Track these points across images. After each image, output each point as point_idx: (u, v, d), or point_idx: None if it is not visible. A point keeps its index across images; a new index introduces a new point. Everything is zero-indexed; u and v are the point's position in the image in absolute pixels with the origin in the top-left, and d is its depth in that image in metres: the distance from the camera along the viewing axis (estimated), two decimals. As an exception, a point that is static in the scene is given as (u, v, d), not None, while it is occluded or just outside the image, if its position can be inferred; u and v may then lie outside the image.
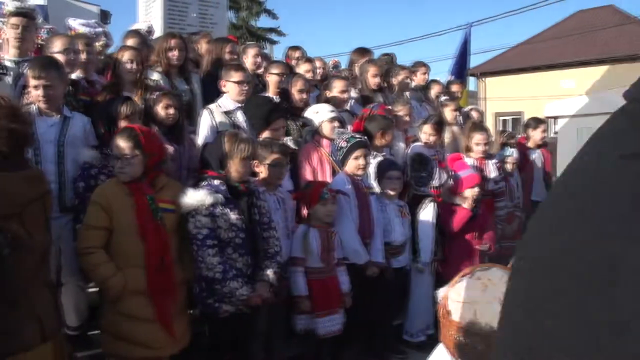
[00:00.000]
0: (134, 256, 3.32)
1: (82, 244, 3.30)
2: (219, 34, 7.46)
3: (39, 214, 2.78)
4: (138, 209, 3.32)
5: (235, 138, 3.66)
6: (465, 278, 2.71)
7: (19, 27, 4.52)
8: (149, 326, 3.31)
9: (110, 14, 15.60)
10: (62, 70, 4.05)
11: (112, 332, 3.34)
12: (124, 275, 3.28)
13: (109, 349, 3.40)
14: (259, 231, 3.78)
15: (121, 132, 3.42)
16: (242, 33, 29.46)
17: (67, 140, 3.95)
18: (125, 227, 3.32)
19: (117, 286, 3.25)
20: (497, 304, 2.50)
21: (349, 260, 4.51)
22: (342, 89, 5.59)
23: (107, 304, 3.39)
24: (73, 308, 4.16)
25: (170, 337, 3.39)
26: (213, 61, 5.60)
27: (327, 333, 4.27)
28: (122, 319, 3.30)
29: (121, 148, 3.32)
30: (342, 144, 4.64)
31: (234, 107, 4.79)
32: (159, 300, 3.34)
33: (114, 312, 3.32)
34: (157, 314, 3.33)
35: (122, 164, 3.33)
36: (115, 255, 3.33)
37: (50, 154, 3.90)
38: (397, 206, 4.99)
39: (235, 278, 3.49)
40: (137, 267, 3.31)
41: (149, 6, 7.98)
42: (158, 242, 3.34)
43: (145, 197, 3.36)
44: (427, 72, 7.71)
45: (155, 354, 3.39)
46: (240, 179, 3.70)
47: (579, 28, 28.83)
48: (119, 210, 3.31)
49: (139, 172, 3.37)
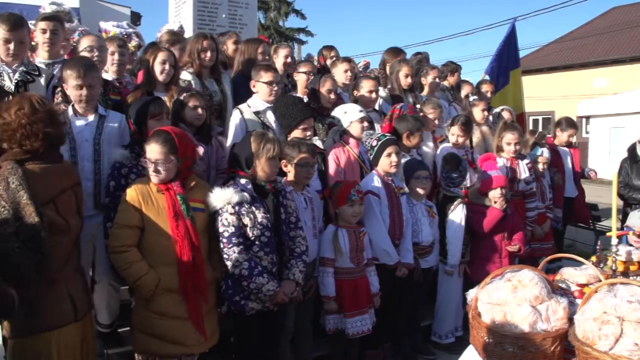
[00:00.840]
0: (166, 255, 3.35)
1: (115, 243, 3.33)
2: (248, 34, 7.51)
3: (71, 202, 3.05)
4: (169, 208, 3.36)
5: (262, 138, 3.69)
6: (496, 280, 2.70)
7: (47, 32, 4.64)
8: (181, 324, 3.35)
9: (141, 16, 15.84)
10: (99, 71, 4.17)
11: (144, 330, 3.38)
12: (157, 273, 3.32)
13: (141, 347, 3.44)
14: (285, 230, 3.81)
15: (156, 135, 3.43)
16: (270, 33, 29.62)
17: (104, 139, 4.03)
18: (156, 226, 3.35)
19: (150, 284, 3.29)
20: (527, 305, 2.49)
21: (378, 261, 4.51)
22: (371, 88, 5.58)
23: (139, 302, 3.43)
24: (105, 306, 4.24)
25: (202, 335, 3.42)
26: (245, 61, 5.63)
27: (356, 333, 4.27)
28: (154, 316, 3.34)
29: (156, 153, 3.36)
30: (373, 143, 4.66)
31: (264, 107, 4.83)
32: (190, 299, 3.37)
33: (146, 310, 3.36)
34: (189, 312, 3.37)
35: (157, 167, 3.37)
36: (147, 254, 3.36)
37: (87, 152, 3.98)
38: (425, 206, 4.98)
39: (262, 274, 3.52)
40: (169, 266, 3.34)
41: (179, 7, 8.06)
42: (189, 241, 3.37)
43: (177, 197, 3.41)
44: (458, 72, 7.68)
45: (187, 351, 3.43)
46: (267, 179, 3.73)
47: (612, 25, 28.33)
48: (151, 209, 3.34)
49: (172, 175, 3.42)
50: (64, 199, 2.98)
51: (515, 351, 2.43)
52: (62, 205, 2.94)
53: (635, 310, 2.12)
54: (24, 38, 4.20)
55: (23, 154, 2.82)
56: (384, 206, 4.56)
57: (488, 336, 2.52)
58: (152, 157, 3.36)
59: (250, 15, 8.25)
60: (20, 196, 2.66)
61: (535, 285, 2.54)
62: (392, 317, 4.49)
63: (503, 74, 8.99)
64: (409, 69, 6.31)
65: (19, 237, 2.60)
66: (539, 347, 2.39)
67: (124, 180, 3.71)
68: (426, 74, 6.72)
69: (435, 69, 6.85)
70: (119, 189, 3.66)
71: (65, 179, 3.02)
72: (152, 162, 3.36)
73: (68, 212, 2.99)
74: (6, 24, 4.03)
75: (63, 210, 2.94)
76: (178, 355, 3.44)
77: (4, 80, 4.13)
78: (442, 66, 7.68)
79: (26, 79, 4.18)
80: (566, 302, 2.54)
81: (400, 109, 5.36)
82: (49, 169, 2.91)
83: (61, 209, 2.93)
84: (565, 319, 2.47)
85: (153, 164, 3.36)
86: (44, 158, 2.90)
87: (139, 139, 3.81)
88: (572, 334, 2.31)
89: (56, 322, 2.90)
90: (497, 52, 8.93)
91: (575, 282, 2.99)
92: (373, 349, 4.66)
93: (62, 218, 2.92)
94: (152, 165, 3.36)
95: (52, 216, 2.83)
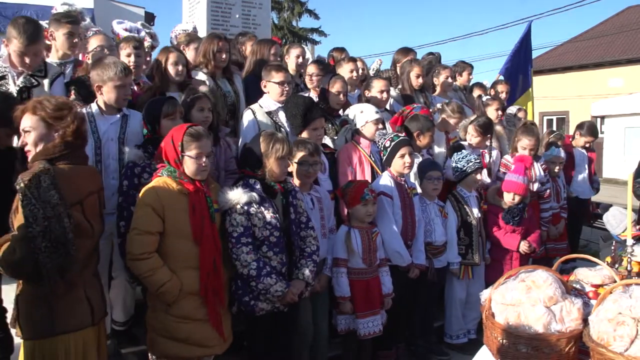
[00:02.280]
0: (188, 258, 3.30)
1: (136, 250, 3.22)
2: (262, 35, 7.52)
3: (96, 206, 3.06)
4: (195, 211, 3.31)
5: (271, 138, 3.69)
6: (509, 280, 2.69)
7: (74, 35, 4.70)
8: (201, 326, 3.34)
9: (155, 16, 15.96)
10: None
11: (165, 334, 3.33)
12: (180, 277, 3.28)
13: (161, 350, 3.40)
14: (295, 230, 3.81)
15: (199, 130, 3.44)
16: (283, 34, 29.67)
17: (127, 137, 4.08)
18: (178, 230, 3.29)
19: (174, 291, 3.25)
20: (541, 306, 2.48)
21: (391, 262, 4.51)
22: (382, 89, 5.58)
23: (158, 306, 3.36)
24: (121, 303, 4.26)
25: (221, 336, 3.43)
26: (257, 62, 5.65)
27: (368, 334, 4.26)
28: (176, 320, 3.30)
29: (209, 146, 3.42)
30: (386, 144, 4.66)
31: (276, 107, 4.84)
32: (210, 301, 3.35)
33: (167, 314, 3.31)
34: (209, 314, 3.36)
35: (208, 162, 3.40)
36: (167, 258, 3.29)
37: (112, 151, 4.03)
38: (437, 206, 4.98)
39: (270, 275, 3.52)
40: (190, 269, 3.30)
41: (192, 7, 8.10)
42: (213, 243, 3.35)
43: (206, 199, 3.39)
44: (470, 72, 7.67)
45: (208, 353, 3.45)
46: (277, 179, 3.73)
47: (627, 25, 28.10)
48: (173, 211, 3.29)
49: None
50: (91, 201, 2.99)
51: (529, 352, 2.42)
52: (88, 208, 2.95)
53: (650, 311, 2.11)
54: (39, 51, 4.19)
55: (54, 153, 2.83)
56: (396, 207, 4.55)
57: (502, 337, 2.51)
58: (206, 151, 3.39)
59: (264, 16, 8.27)
60: (51, 196, 2.65)
61: (550, 285, 2.53)
62: (405, 317, 4.48)
63: (525, 76, 8.96)
64: (419, 69, 6.32)
65: (46, 237, 2.60)
66: (553, 348, 2.38)
67: (137, 179, 3.71)
68: (438, 73, 6.72)
69: (448, 69, 6.86)
70: (132, 187, 3.67)
71: (92, 182, 3.05)
72: (205, 156, 3.37)
73: (93, 216, 3.00)
74: (23, 39, 3.98)
75: (89, 213, 2.95)
76: (199, 357, 3.46)
77: (8, 84, 4.12)
78: (453, 66, 7.68)
79: (30, 83, 4.17)
80: (580, 303, 2.53)
81: (413, 110, 5.35)
82: (77, 170, 2.93)
83: (87, 212, 2.94)
84: (580, 319, 2.45)
85: (205, 159, 3.37)
86: (71, 158, 2.91)
87: (152, 139, 3.83)
88: (587, 335, 2.30)
89: (75, 324, 2.88)
90: (513, 53, 8.90)
91: (589, 283, 2.97)
92: (386, 350, 4.65)
93: (87, 221, 2.93)
94: (203, 161, 3.36)
95: (79, 218, 2.84)
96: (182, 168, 3.35)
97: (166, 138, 3.43)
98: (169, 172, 3.34)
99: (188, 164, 3.34)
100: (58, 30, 4.72)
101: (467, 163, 5.14)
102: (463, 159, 5.16)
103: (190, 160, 3.33)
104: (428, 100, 6.34)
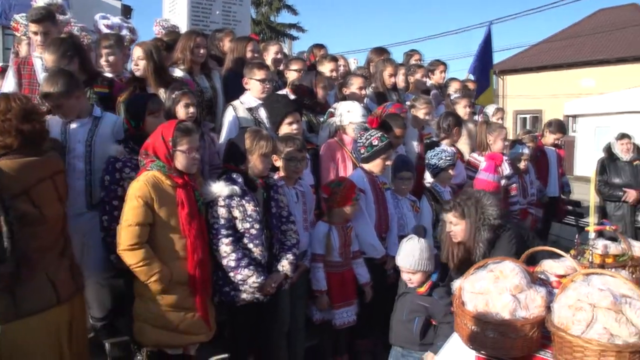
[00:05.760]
0: (177, 250, 3.42)
1: (127, 242, 3.29)
2: (242, 31, 7.58)
3: (49, 191, 3.13)
4: (184, 204, 3.42)
5: (256, 135, 3.80)
6: (479, 270, 2.84)
7: (38, 34, 4.71)
8: (190, 315, 3.47)
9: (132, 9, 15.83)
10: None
11: (154, 323, 3.44)
12: (169, 268, 3.38)
13: (149, 339, 3.51)
14: (276, 223, 3.92)
15: (188, 125, 3.58)
16: (261, 29, 29.56)
17: (96, 140, 4.09)
18: (168, 222, 3.41)
19: (165, 280, 3.35)
20: (508, 294, 2.62)
21: (365, 254, 4.65)
22: (360, 85, 5.71)
23: (147, 295, 3.44)
24: (96, 302, 4.31)
25: (207, 325, 3.56)
26: (235, 59, 5.72)
27: (343, 324, 4.44)
28: (166, 309, 3.42)
29: (197, 140, 3.56)
30: (373, 142, 4.71)
31: (256, 104, 4.94)
32: (199, 291, 3.48)
33: (156, 303, 3.42)
34: (197, 304, 3.49)
35: (198, 156, 3.55)
36: (156, 249, 3.39)
37: (79, 152, 4.06)
38: (409, 201, 5.15)
39: (248, 266, 3.62)
40: (179, 260, 3.42)
41: (173, 3, 8.10)
42: (200, 235, 3.47)
43: (193, 192, 3.51)
44: (444, 70, 7.80)
45: (196, 340, 3.59)
46: (259, 174, 3.85)
47: (599, 27, 28.58)
48: (163, 204, 3.39)
49: None
50: (41, 188, 3.05)
51: (496, 337, 2.55)
52: (37, 195, 3.01)
53: (605, 298, 2.26)
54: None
55: None
56: (370, 202, 4.69)
57: (471, 323, 2.64)
58: (196, 145, 3.52)
59: (244, 12, 8.30)
60: None
61: (516, 275, 2.67)
62: (382, 307, 4.60)
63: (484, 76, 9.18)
64: (392, 68, 6.43)
65: None
66: (518, 333, 2.51)
67: (119, 174, 3.77)
68: (413, 72, 6.85)
69: (422, 68, 6.98)
70: (114, 182, 3.75)
71: (43, 169, 3.10)
72: (195, 151, 3.51)
73: (45, 202, 3.07)
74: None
75: (39, 200, 3.02)
76: (188, 345, 3.59)
77: None
78: (429, 64, 7.83)
79: None
80: (544, 291, 2.67)
81: (385, 107, 5.48)
82: (25, 162, 2.99)
83: (36, 200, 3.00)
84: (543, 306, 2.59)
85: (195, 153, 3.51)
86: (20, 153, 2.99)
87: (135, 135, 3.89)
88: (549, 321, 2.44)
89: (38, 306, 3.01)
90: (478, 53, 9.13)
91: (554, 273, 3.12)
92: (364, 339, 4.79)
93: (36, 208, 3.00)
94: (194, 155, 3.50)
95: (23, 208, 2.92)
96: (173, 163, 3.44)
97: (154, 134, 3.52)
98: (158, 166, 3.44)
99: (180, 159, 3.45)
100: (30, 27, 4.77)
101: (438, 160, 5.29)
102: (436, 155, 5.31)
103: (181, 155, 3.45)
104: (401, 98, 6.47)
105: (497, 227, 3.83)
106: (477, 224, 3.83)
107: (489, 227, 3.81)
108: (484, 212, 3.82)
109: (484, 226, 3.81)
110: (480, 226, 3.81)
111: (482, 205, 3.85)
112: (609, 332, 2.22)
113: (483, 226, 3.81)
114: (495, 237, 3.83)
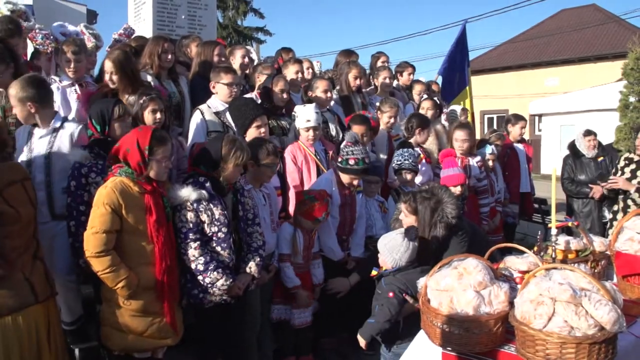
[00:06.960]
0: (144, 255, 3.42)
1: (94, 249, 3.27)
2: (207, 36, 7.56)
3: (21, 193, 3.18)
4: (152, 210, 3.42)
5: (233, 144, 3.78)
6: (443, 268, 2.89)
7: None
8: (157, 320, 3.48)
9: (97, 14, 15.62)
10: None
11: (121, 328, 3.44)
12: (136, 274, 3.38)
13: (116, 343, 3.51)
14: (242, 226, 3.95)
15: (162, 133, 3.61)
16: (228, 32, 29.46)
17: (54, 151, 4.03)
18: (136, 228, 3.39)
19: (132, 286, 3.35)
20: (472, 291, 2.68)
21: (324, 254, 4.78)
22: (325, 88, 5.72)
23: (114, 300, 3.44)
24: (64, 306, 4.24)
25: (174, 329, 3.57)
26: (201, 64, 5.72)
27: (301, 323, 4.55)
28: (133, 314, 3.42)
29: (170, 149, 3.58)
30: (351, 161, 4.68)
31: (223, 107, 4.94)
32: (166, 296, 3.48)
33: (123, 308, 3.42)
34: (164, 308, 3.49)
35: (170, 164, 3.60)
36: (124, 255, 3.38)
37: (39, 164, 4.01)
38: (377, 202, 5.24)
39: (217, 269, 3.63)
40: (146, 265, 3.42)
41: (138, 8, 8.06)
42: (168, 241, 3.48)
43: (161, 198, 3.51)
44: (412, 72, 7.88)
45: (162, 344, 3.59)
46: (230, 181, 3.86)
47: (562, 27, 29.13)
48: (131, 210, 3.38)
49: None
50: (13, 190, 3.10)
51: (461, 333, 2.61)
52: (10, 196, 3.06)
53: (565, 292, 2.33)
54: None
55: None
56: (335, 205, 4.76)
57: (436, 320, 2.70)
58: (169, 153, 3.56)
59: (210, 16, 8.30)
60: None
61: (479, 272, 2.73)
62: (346, 306, 4.65)
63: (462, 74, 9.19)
64: (357, 70, 6.39)
65: None
66: (483, 329, 2.58)
67: (85, 179, 3.75)
68: (377, 75, 6.90)
69: (386, 70, 7.02)
70: (80, 188, 3.73)
71: (12, 173, 3.16)
72: (168, 159, 3.55)
73: (19, 202, 3.11)
74: None
75: (12, 200, 3.06)
76: (155, 349, 3.59)
77: None
78: (396, 67, 7.90)
79: None
80: (507, 287, 2.74)
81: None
82: None
83: (10, 200, 3.05)
84: (506, 302, 2.66)
85: (168, 161, 3.55)
86: None
87: (100, 140, 3.88)
88: (512, 316, 2.51)
89: (19, 304, 3.08)
90: (450, 53, 9.16)
91: (517, 270, 3.20)
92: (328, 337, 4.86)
93: (11, 207, 3.04)
94: (167, 164, 3.54)
95: (1, 208, 2.99)
96: (145, 170, 3.43)
97: (127, 141, 3.47)
98: (126, 173, 3.42)
99: (154, 168, 3.46)
100: None
101: (397, 161, 5.39)
102: (400, 155, 5.38)
103: (156, 164, 3.45)
104: (365, 100, 6.49)
105: (453, 226, 3.89)
106: (433, 221, 3.86)
107: (445, 225, 3.85)
108: (444, 210, 3.86)
109: (441, 223, 3.85)
110: (438, 222, 3.86)
111: (442, 203, 3.88)
112: (569, 325, 2.29)
113: (440, 223, 3.85)
114: (448, 235, 3.88)
